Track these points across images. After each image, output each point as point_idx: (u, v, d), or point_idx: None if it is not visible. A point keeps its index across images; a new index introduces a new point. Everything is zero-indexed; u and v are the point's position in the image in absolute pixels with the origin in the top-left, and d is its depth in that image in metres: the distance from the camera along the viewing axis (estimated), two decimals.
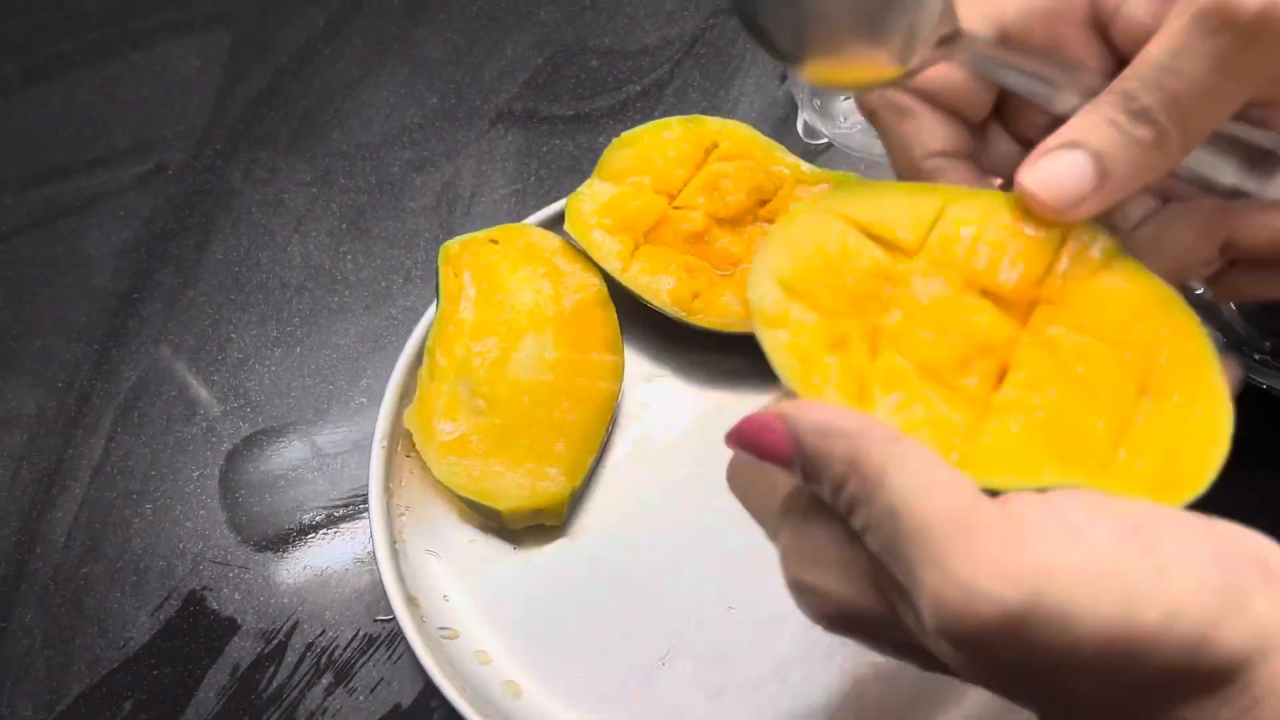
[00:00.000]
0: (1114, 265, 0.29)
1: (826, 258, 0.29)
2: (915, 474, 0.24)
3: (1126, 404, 0.27)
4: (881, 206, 0.29)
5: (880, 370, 0.28)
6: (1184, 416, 0.27)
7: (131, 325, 0.60)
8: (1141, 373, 0.28)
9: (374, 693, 0.49)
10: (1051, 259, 0.29)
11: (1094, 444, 0.27)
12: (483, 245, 0.54)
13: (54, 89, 0.69)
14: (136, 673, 0.50)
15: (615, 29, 0.70)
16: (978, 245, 0.29)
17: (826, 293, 0.29)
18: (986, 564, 0.22)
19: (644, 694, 0.47)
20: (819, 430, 0.26)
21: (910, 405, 0.28)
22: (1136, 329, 0.28)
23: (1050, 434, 0.27)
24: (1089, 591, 0.22)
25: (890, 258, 0.29)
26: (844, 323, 0.29)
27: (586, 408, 0.51)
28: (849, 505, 0.25)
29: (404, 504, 0.50)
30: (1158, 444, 0.27)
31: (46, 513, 0.54)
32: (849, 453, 0.25)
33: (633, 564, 0.50)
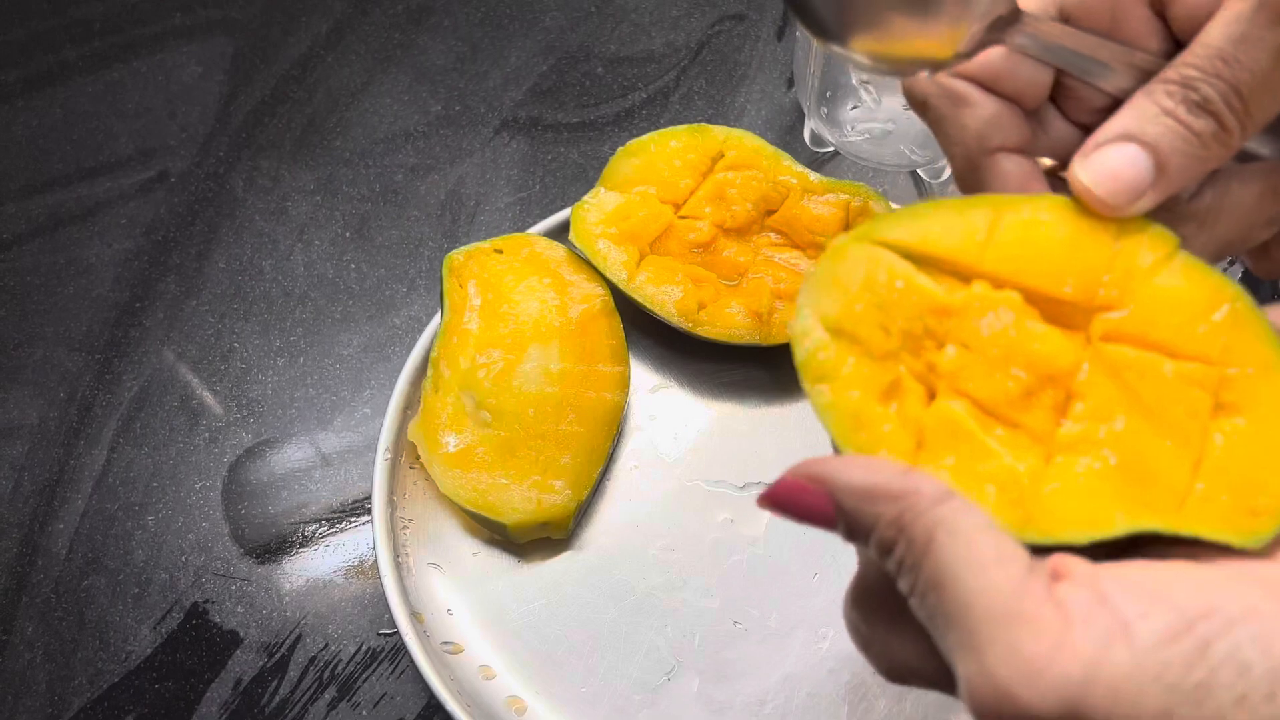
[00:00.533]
0: (1172, 261, 0.27)
1: (876, 293, 0.27)
2: (963, 543, 0.23)
3: (1201, 425, 0.26)
4: (931, 228, 0.28)
5: (936, 419, 0.27)
6: (1263, 434, 0.25)
7: (134, 335, 0.59)
8: (1213, 386, 0.26)
9: (377, 708, 0.48)
10: (1110, 259, 0.27)
11: (1168, 478, 0.25)
12: (488, 255, 0.53)
13: (56, 96, 0.69)
14: (138, 687, 0.49)
15: (620, 36, 0.70)
16: (1036, 254, 0.27)
17: (878, 334, 0.27)
18: (1024, 666, 0.21)
19: (650, 710, 0.46)
20: (860, 493, 0.24)
21: (970, 461, 0.26)
22: (1202, 333, 0.26)
23: (1120, 473, 0.26)
24: (1129, 704, 0.21)
25: (944, 285, 0.27)
26: (896, 365, 0.27)
27: (592, 420, 0.50)
28: (896, 568, 0.24)
29: (408, 516, 0.50)
30: (1238, 470, 0.25)
31: (48, 524, 0.54)
32: (895, 516, 0.24)
33: (638, 578, 0.49)
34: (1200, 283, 0.27)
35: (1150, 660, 0.21)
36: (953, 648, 0.23)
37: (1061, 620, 0.22)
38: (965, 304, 0.27)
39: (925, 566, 0.23)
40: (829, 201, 0.54)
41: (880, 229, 0.28)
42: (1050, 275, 0.27)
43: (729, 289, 0.53)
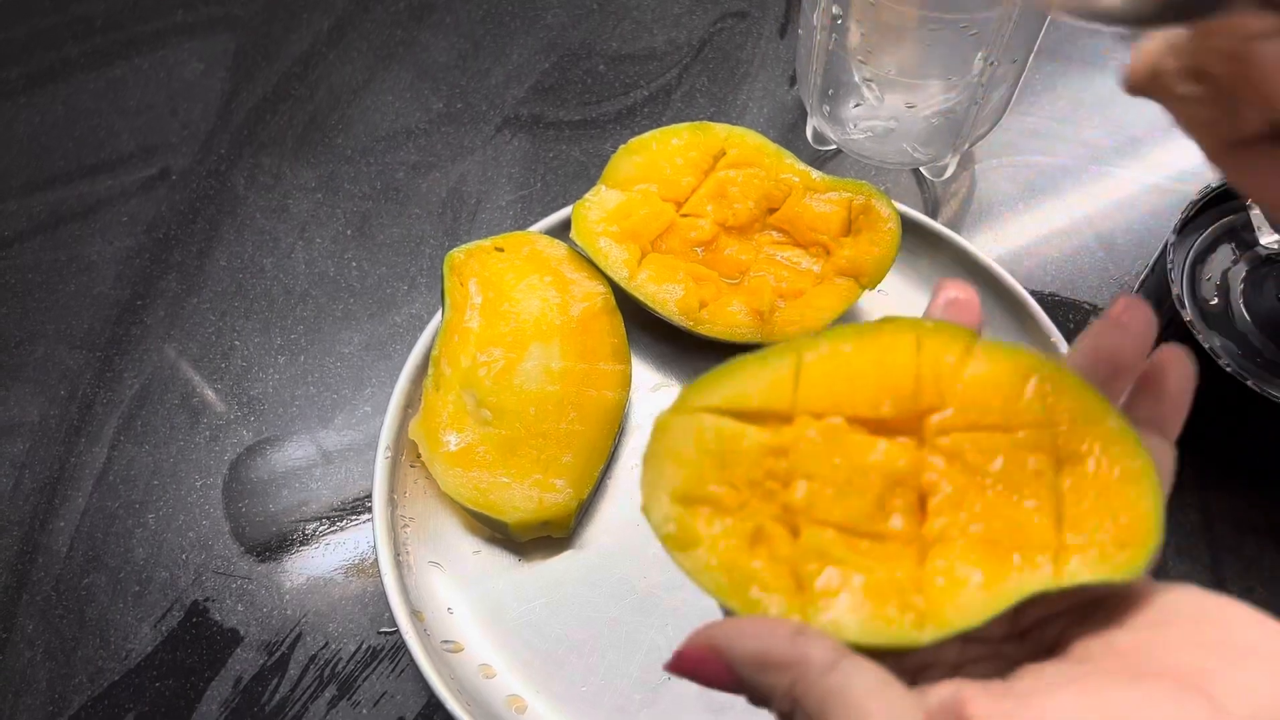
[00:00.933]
0: (973, 352, 0.28)
1: (712, 455, 0.28)
2: (858, 706, 0.23)
3: (1049, 482, 0.27)
4: (742, 385, 0.28)
5: (806, 551, 0.27)
6: (1107, 473, 0.26)
7: (135, 332, 0.59)
8: (1049, 446, 0.27)
9: (377, 706, 0.48)
10: (916, 369, 0.28)
11: (1039, 539, 0.26)
12: (489, 254, 0.53)
13: (58, 93, 0.69)
14: (138, 685, 0.49)
15: (622, 33, 0.69)
16: (845, 383, 0.28)
17: (727, 490, 0.28)
18: None
19: (650, 709, 0.46)
20: (753, 663, 0.24)
21: (849, 580, 0.26)
22: (1023, 403, 0.27)
23: (994, 549, 0.26)
24: None
25: (771, 431, 0.28)
26: (753, 515, 0.28)
27: (594, 418, 0.50)
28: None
29: (408, 515, 0.50)
30: (1097, 512, 0.26)
31: (49, 522, 0.54)
32: (788, 688, 0.24)
33: (639, 576, 0.49)
34: (1006, 362, 0.28)
35: None
36: None
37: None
38: (795, 440, 0.28)
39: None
40: (831, 200, 0.54)
41: (695, 398, 0.28)
42: (864, 400, 0.28)
43: (730, 287, 0.53)
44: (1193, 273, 0.50)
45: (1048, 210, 0.61)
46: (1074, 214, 0.61)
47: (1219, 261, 0.51)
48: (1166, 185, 0.62)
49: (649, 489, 0.28)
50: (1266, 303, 0.49)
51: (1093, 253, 0.59)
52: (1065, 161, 0.63)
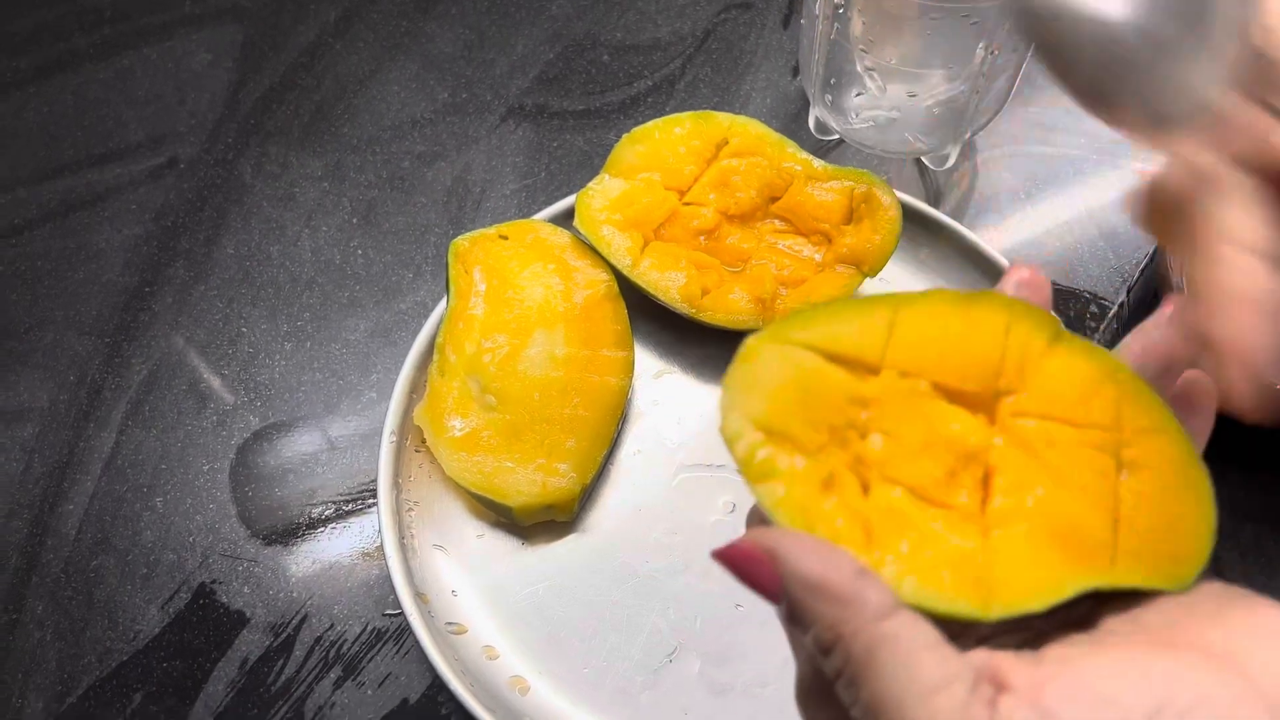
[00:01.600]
0: (1060, 344, 0.28)
1: (798, 391, 0.27)
2: (905, 666, 0.23)
3: (1110, 484, 0.27)
4: (836, 327, 0.28)
5: (879, 508, 0.27)
6: (1165, 486, 0.27)
7: (143, 319, 0.60)
8: (1114, 448, 0.27)
9: (382, 687, 0.49)
10: (1003, 347, 0.28)
11: (1096, 537, 0.26)
12: (493, 241, 0.54)
13: (67, 83, 0.69)
14: (146, 665, 0.50)
15: (626, 24, 0.70)
16: (935, 348, 0.28)
17: (806, 429, 0.27)
18: None
19: (651, 691, 0.47)
20: (808, 585, 0.24)
21: (919, 544, 0.26)
22: (1096, 404, 0.28)
23: (1055, 538, 0.26)
24: None
25: (857, 379, 0.28)
26: (829, 459, 0.27)
27: (597, 404, 0.50)
28: (834, 673, 0.24)
29: (413, 499, 0.50)
30: (1153, 522, 0.27)
31: (58, 505, 0.54)
32: (835, 623, 0.23)
33: (641, 561, 0.50)
34: (1085, 360, 0.28)
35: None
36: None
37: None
38: (880, 393, 0.28)
39: (865, 687, 0.23)
40: (833, 188, 0.54)
41: (790, 329, 0.28)
42: (950, 367, 0.28)
43: (732, 275, 0.54)
44: None
45: (1049, 200, 0.62)
46: (1075, 204, 0.62)
47: None
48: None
49: (730, 412, 0.27)
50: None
51: (1094, 242, 0.60)
52: (1067, 152, 0.63)
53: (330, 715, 0.48)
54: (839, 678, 0.24)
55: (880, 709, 0.22)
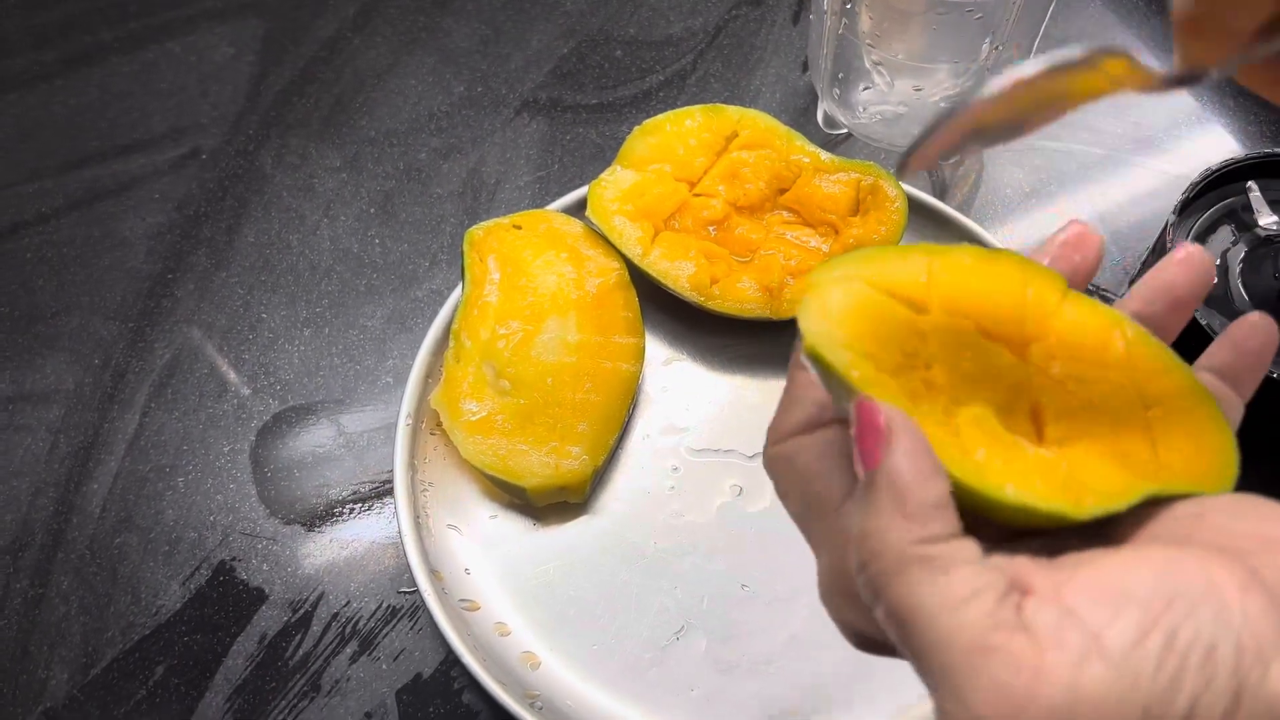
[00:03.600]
0: (1068, 300, 0.30)
1: (869, 320, 0.29)
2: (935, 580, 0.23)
3: (1140, 415, 0.29)
4: (886, 266, 0.30)
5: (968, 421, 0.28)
6: (1185, 414, 0.29)
7: (165, 305, 0.61)
8: (1134, 385, 0.29)
9: (396, 662, 0.50)
10: (1025, 299, 0.30)
11: (1141, 455, 0.28)
12: (507, 231, 0.55)
13: (93, 76, 0.71)
14: (168, 639, 0.51)
15: (639, 19, 0.71)
16: (968, 295, 0.30)
17: (883, 351, 0.28)
18: (1007, 702, 0.22)
19: (659, 668, 0.48)
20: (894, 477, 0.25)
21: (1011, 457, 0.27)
22: (1110, 350, 0.29)
23: (1110, 456, 0.28)
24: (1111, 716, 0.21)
25: (914, 313, 0.29)
26: (909, 379, 0.28)
27: (608, 389, 0.52)
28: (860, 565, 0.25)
29: (428, 480, 0.52)
30: (1183, 441, 0.28)
31: (83, 484, 0.56)
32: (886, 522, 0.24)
33: (649, 541, 0.51)
34: (1094, 313, 0.30)
35: (1125, 668, 0.22)
36: (929, 681, 0.23)
37: (1035, 648, 0.22)
38: (933, 328, 0.29)
39: (891, 591, 0.24)
40: (840, 180, 0.55)
41: (846, 268, 0.29)
42: (985, 313, 0.30)
43: (741, 265, 0.55)
44: None
45: (1055, 195, 0.63)
46: (1080, 200, 0.62)
47: (1219, 242, 0.52)
48: (1171, 170, 0.63)
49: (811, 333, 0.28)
50: (1264, 282, 0.50)
51: None
52: (1073, 148, 0.64)
53: (346, 688, 0.50)
54: (862, 568, 0.24)
55: (908, 620, 0.23)
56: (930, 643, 0.23)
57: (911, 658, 0.23)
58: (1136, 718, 0.21)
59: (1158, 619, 0.22)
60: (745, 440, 0.53)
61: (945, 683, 0.22)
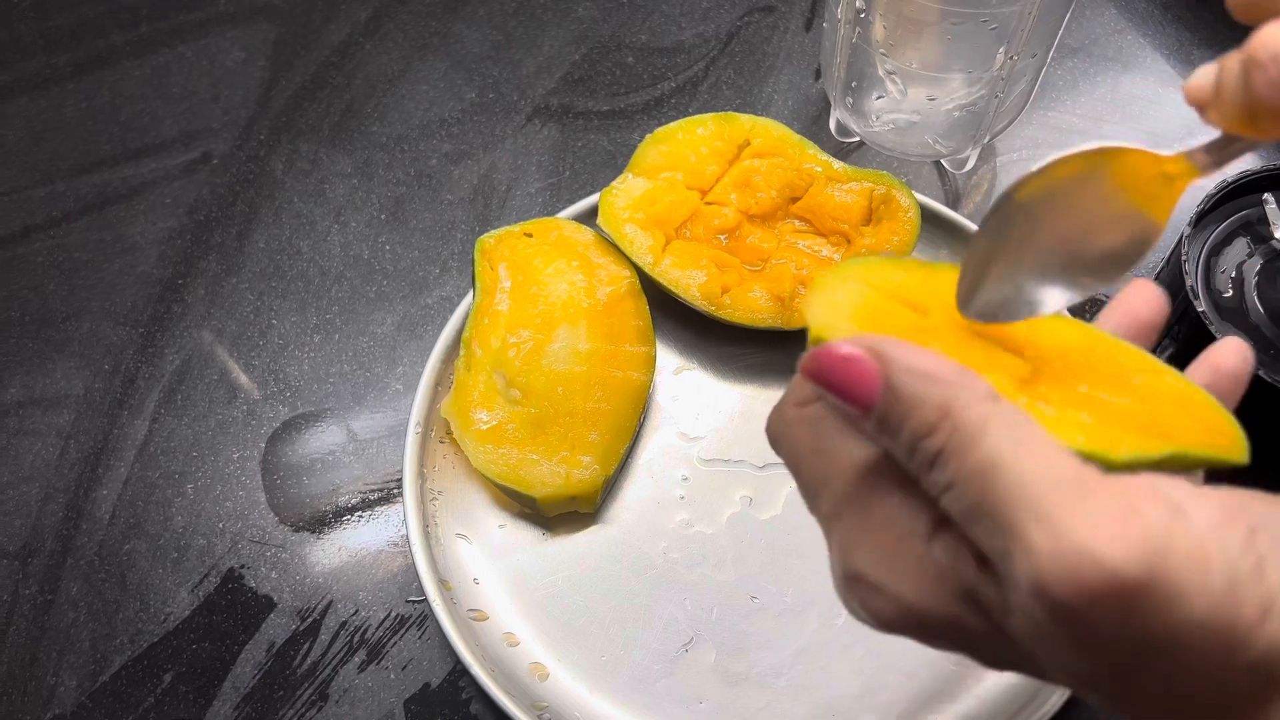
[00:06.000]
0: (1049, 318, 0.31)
1: (872, 315, 0.29)
2: (1017, 433, 0.23)
3: (1144, 405, 0.29)
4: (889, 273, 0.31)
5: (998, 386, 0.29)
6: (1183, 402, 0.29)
7: (176, 310, 0.61)
8: (1128, 383, 0.29)
9: (405, 671, 0.50)
10: None
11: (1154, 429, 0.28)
12: (518, 239, 0.55)
13: (105, 80, 0.71)
14: (176, 647, 0.51)
15: (651, 26, 0.71)
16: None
17: None
18: (1103, 527, 0.21)
19: (667, 679, 0.48)
20: (915, 371, 0.24)
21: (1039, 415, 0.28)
22: (1098, 355, 0.30)
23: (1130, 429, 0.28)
24: (1200, 572, 0.21)
25: (917, 314, 0.30)
26: None
27: (619, 398, 0.52)
28: (931, 457, 0.24)
29: (437, 489, 0.52)
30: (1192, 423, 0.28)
31: (92, 490, 0.56)
32: (944, 400, 0.23)
33: (659, 552, 0.51)
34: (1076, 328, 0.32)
35: (1210, 538, 0.21)
36: (1011, 527, 0.22)
37: (1127, 497, 0.22)
38: (936, 327, 0.30)
39: (973, 452, 0.23)
40: (853, 190, 0.55)
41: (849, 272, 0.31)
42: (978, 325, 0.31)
43: (752, 274, 0.55)
44: (1208, 265, 0.51)
45: None
46: None
47: (1234, 254, 0.51)
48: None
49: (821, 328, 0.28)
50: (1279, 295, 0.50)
51: None
52: None
53: (354, 698, 0.50)
54: (936, 458, 0.24)
55: (993, 469, 0.22)
56: (1017, 483, 0.22)
57: (988, 520, 0.23)
58: (1221, 585, 0.21)
59: (1237, 515, 0.22)
60: (756, 450, 0.53)
61: (1033, 518, 0.22)
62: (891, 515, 0.25)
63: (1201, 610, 0.21)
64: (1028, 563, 0.21)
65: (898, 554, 0.25)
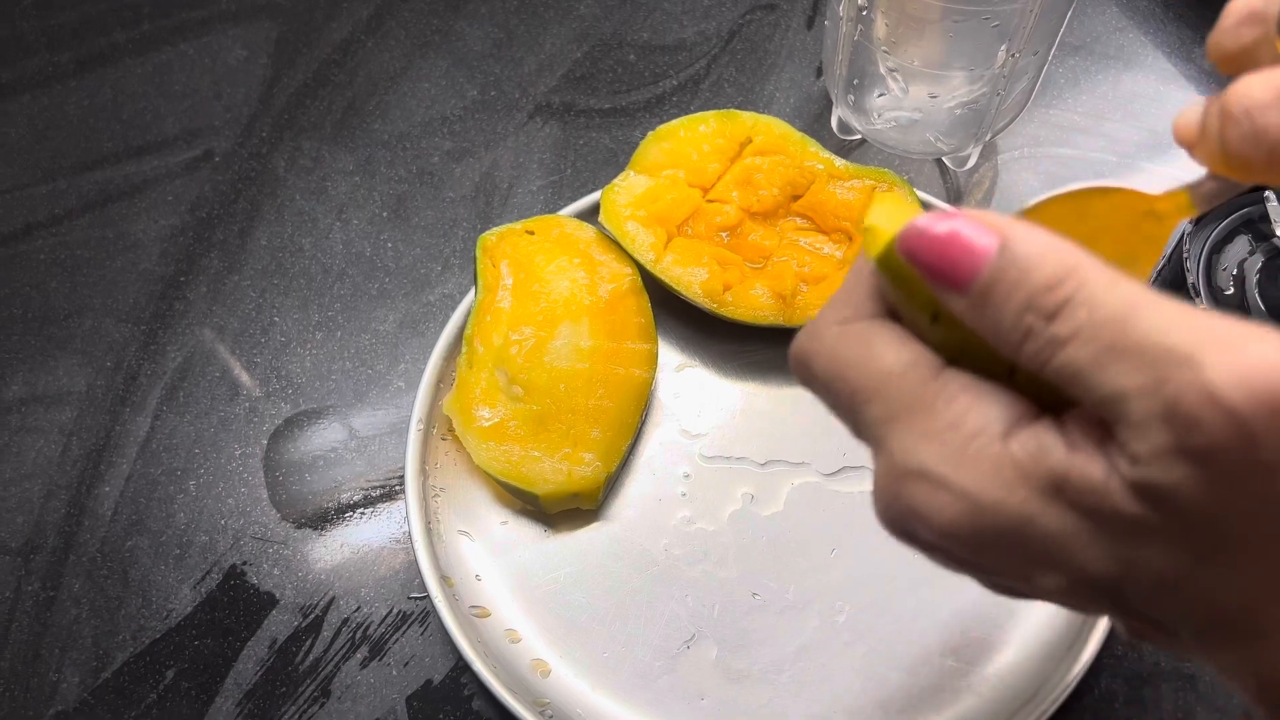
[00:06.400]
0: None
1: None
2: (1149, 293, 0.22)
3: None
4: None
5: None
6: None
7: (178, 308, 0.61)
8: None
9: (407, 668, 0.50)
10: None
11: None
12: (519, 236, 0.55)
13: (107, 77, 0.71)
14: (179, 643, 0.51)
15: (653, 24, 0.71)
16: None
17: None
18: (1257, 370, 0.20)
19: (669, 676, 0.48)
20: (1034, 239, 0.23)
21: None
22: None
23: None
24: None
25: None
26: None
27: (621, 395, 0.52)
28: (1052, 310, 0.22)
29: (439, 486, 0.52)
30: None
31: (95, 487, 0.56)
32: (1070, 261, 0.22)
33: (661, 549, 0.51)
34: None
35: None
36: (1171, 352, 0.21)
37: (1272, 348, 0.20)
38: None
39: (1113, 295, 0.22)
40: (855, 187, 0.55)
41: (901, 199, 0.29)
42: None
43: (754, 271, 0.55)
44: (1209, 262, 0.51)
45: None
46: None
47: (1235, 252, 0.52)
48: (1186, 177, 0.63)
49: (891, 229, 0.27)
50: None
51: None
52: (1088, 154, 0.64)
53: (356, 694, 0.50)
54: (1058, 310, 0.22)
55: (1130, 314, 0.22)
56: (1168, 320, 0.21)
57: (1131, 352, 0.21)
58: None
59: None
60: (758, 447, 0.53)
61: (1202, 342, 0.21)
62: (960, 415, 0.24)
63: None
64: (1198, 379, 0.20)
65: (969, 450, 0.23)
